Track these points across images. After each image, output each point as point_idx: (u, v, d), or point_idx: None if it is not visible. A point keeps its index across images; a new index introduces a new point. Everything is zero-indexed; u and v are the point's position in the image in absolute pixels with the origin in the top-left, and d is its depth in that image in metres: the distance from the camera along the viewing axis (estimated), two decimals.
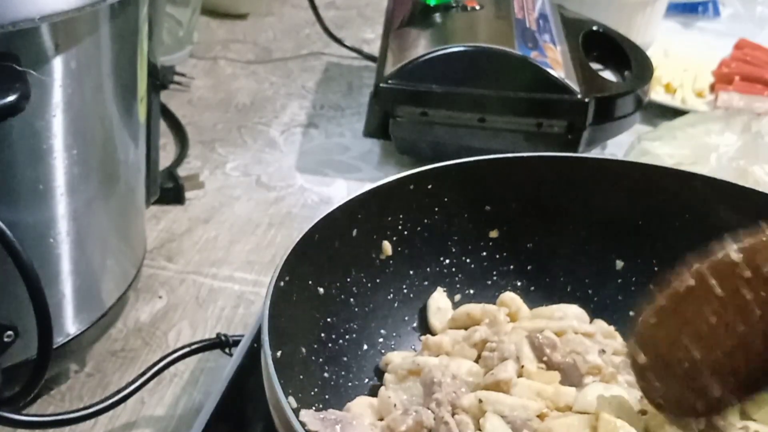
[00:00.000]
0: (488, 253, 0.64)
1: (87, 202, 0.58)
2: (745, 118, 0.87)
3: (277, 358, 0.47)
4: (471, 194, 0.63)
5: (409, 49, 0.89)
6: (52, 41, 0.50)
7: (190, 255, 0.79)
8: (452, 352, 0.58)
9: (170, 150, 0.93)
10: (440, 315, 0.62)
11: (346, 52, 1.16)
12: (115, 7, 0.54)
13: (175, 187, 0.85)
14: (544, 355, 0.54)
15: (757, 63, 1.13)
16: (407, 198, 0.61)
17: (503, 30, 0.90)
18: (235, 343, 0.63)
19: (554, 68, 0.86)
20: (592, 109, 0.86)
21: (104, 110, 0.57)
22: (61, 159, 0.54)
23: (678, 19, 1.36)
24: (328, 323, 0.57)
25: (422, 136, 0.89)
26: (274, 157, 0.94)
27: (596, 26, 1.03)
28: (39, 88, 0.50)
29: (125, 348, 0.68)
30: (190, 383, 0.66)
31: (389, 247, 0.61)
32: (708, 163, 0.83)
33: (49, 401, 0.63)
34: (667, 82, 1.09)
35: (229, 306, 0.73)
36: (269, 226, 0.84)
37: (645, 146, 0.86)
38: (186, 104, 1.02)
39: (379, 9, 1.17)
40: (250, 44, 1.19)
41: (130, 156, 0.62)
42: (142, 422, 0.62)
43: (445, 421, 0.49)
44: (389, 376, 0.57)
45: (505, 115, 0.86)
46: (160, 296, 0.74)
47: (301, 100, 1.06)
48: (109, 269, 0.63)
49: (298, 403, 0.49)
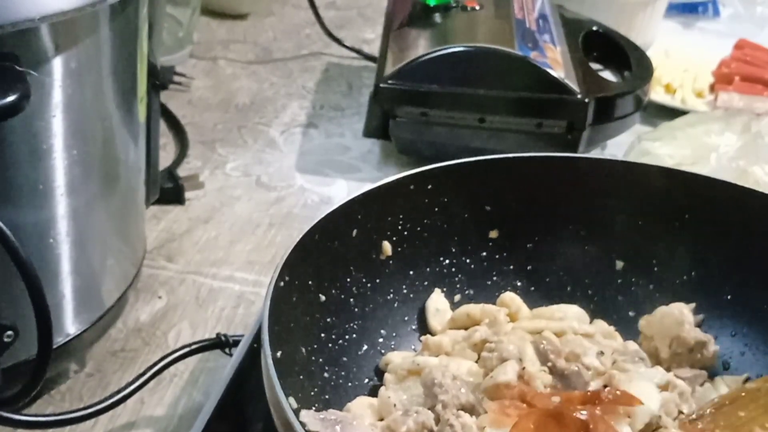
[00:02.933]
0: (488, 253, 0.64)
1: (87, 202, 0.58)
2: (745, 118, 0.87)
3: (277, 358, 0.47)
4: (471, 194, 0.63)
5: (409, 49, 0.89)
6: (52, 41, 0.50)
7: (190, 255, 0.79)
8: (452, 353, 0.58)
9: (170, 150, 0.93)
10: (439, 316, 0.62)
11: (346, 52, 1.16)
12: (115, 7, 0.54)
13: (175, 187, 0.85)
14: (549, 361, 0.54)
15: (757, 63, 1.13)
16: (407, 198, 0.61)
17: (503, 30, 0.90)
18: (235, 343, 0.63)
19: (554, 68, 0.86)
20: (592, 109, 0.86)
21: (104, 110, 0.57)
22: (61, 159, 0.54)
23: (678, 19, 1.36)
24: (328, 323, 0.57)
25: (422, 136, 0.89)
26: (274, 157, 0.94)
27: (596, 26, 1.03)
28: (39, 88, 0.50)
29: (125, 348, 0.68)
30: (190, 383, 0.66)
31: (389, 247, 0.61)
32: (708, 163, 0.83)
33: (49, 401, 0.63)
34: (667, 82, 1.09)
35: (229, 306, 0.73)
36: (269, 226, 0.84)
37: (645, 146, 0.86)
38: (186, 104, 1.02)
39: (379, 9, 1.17)
40: (250, 44, 1.19)
41: (130, 156, 0.62)
42: (142, 422, 0.62)
43: (450, 423, 0.49)
44: (389, 376, 0.57)
45: (505, 115, 0.86)
46: (160, 296, 0.74)
47: (301, 100, 1.06)
48: (109, 269, 0.63)
49: (298, 403, 0.49)
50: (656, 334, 0.60)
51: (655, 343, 0.59)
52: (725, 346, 0.61)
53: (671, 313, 0.59)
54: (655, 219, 0.63)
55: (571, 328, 0.58)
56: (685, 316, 0.59)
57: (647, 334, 0.60)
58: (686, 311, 0.60)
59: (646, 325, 0.60)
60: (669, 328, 0.59)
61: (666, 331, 0.59)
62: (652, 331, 0.60)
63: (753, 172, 0.81)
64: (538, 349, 0.55)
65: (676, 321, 0.59)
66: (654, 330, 0.60)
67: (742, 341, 0.61)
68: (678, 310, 0.59)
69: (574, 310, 0.62)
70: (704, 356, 0.59)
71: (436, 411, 0.51)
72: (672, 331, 0.59)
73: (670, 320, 0.59)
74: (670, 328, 0.59)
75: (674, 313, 0.59)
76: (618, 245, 0.64)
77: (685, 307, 0.60)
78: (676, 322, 0.59)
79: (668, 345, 0.59)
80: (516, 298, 0.62)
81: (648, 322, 0.60)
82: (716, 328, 0.61)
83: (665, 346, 0.59)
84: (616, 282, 0.64)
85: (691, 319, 0.59)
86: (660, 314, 0.60)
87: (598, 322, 0.62)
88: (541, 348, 0.55)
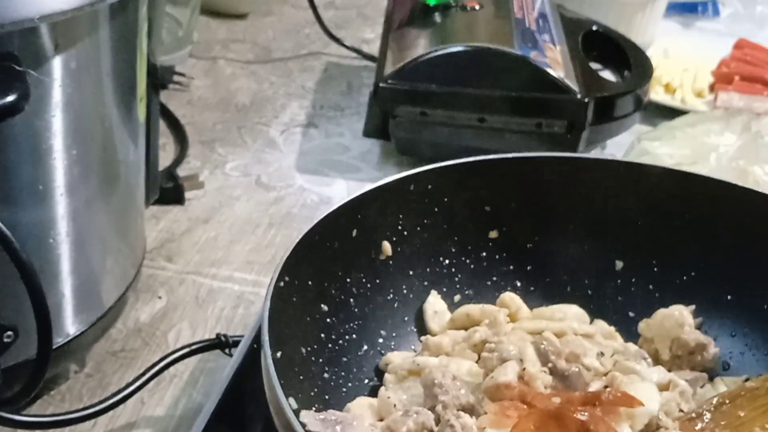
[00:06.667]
0: (488, 253, 0.64)
1: (87, 202, 0.58)
2: (745, 118, 0.87)
3: (277, 359, 0.47)
4: (471, 194, 0.63)
5: (408, 49, 0.89)
6: (52, 41, 0.50)
7: (190, 255, 0.79)
8: (452, 353, 0.58)
9: (170, 150, 0.93)
10: (438, 318, 0.62)
11: (345, 52, 1.16)
12: (115, 7, 0.54)
13: (175, 187, 0.85)
14: (549, 362, 0.54)
15: (756, 63, 1.13)
16: (407, 198, 0.61)
17: (503, 30, 0.90)
18: (235, 343, 0.63)
19: (554, 68, 0.86)
20: (591, 109, 0.86)
21: (104, 110, 0.57)
22: (61, 159, 0.54)
23: (678, 19, 1.36)
24: (328, 323, 0.57)
25: (422, 136, 0.89)
26: (274, 157, 0.94)
27: (596, 26, 1.03)
28: (39, 88, 0.50)
29: (125, 348, 0.68)
30: (189, 383, 0.66)
31: (389, 247, 0.61)
32: (708, 163, 0.83)
33: (49, 401, 0.63)
34: (667, 82, 1.09)
35: (229, 306, 0.73)
36: (269, 226, 0.83)
37: (645, 146, 0.86)
38: (186, 104, 1.02)
39: (379, 9, 1.17)
40: (250, 44, 1.19)
41: (130, 156, 0.62)
42: (142, 422, 0.62)
43: (451, 424, 0.49)
44: (389, 376, 0.57)
45: (505, 115, 0.86)
46: (159, 296, 0.73)
47: (301, 100, 1.06)
48: (109, 269, 0.63)
49: (298, 403, 0.49)
50: (656, 336, 0.59)
51: (655, 346, 0.59)
52: (725, 346, 0.61)
53: (671, 316, 0.59)
54: (655, 219, 0.63)
55: (572, 329, 0.58)
56: (685, 318, 0.59)
57: (647, 337, 0.60)
58: (686, 313, 0.60)
59: (646, 328, 0.60)
60: (669, 330, 0.59)
61: (666, 334, 0.59)
62: (652, 333, 0.60)
63: (753, 172, 0.81)
64: (539, 350, 0.55)
65: (676, 323, 0.59)
66: (654, 332, 0.60)
67: (742, 341, 0.61)
68: (678, 312, 0.59)
69: (574, 311, 0.62)
70: (704, 358, 0.59)
71: (436, 411, 0.51)
72: (672, 333, 0.59)
73: (670, 322, 0.59)
74: (670, 330, 0.59)
75: (674, 315, 0.59)
76: (618, 245, 0.64)
77: (685, 309, 0.60)
78: (676, 324, 0.59)
79: (668, 347, 0.59)
80: (516, 299, 0.62)
81: (648, 324, 0.60)
82: (716, 329, 0.61)
83: (665, 349, 0.59)
84: (616, 282, 0.64)
85: (691, 321, 0.59)
86: (660, 316, 0.60)
87: (598, 323, 0.62)
88: (542, 348, 0.54)
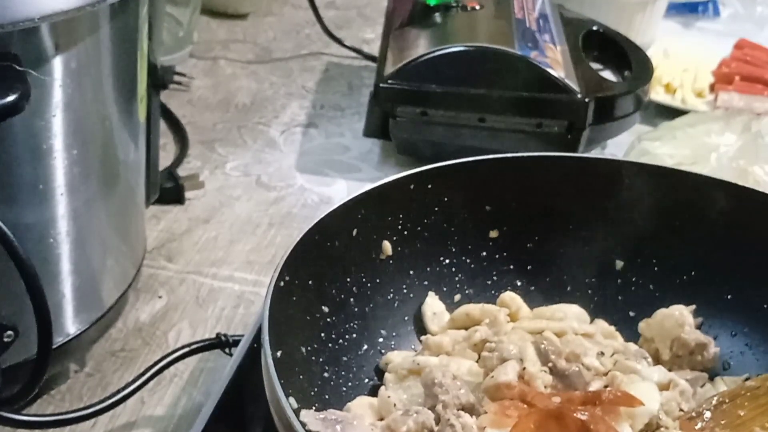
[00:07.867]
0: (488, 253, 0.64)
1: (87, 202, 0.58)
2: (745, 118, 0.87)
3: (277, 358, 0.47)
4: (471, 194, 0.63)
5: (409, 49, 0.89)
6: (52, 41, 0.50)
7: (190, 255, 0.79)
8: (452, 353, 0.58)
9: (170, 150, 0.93)
10: (437, 319, 0.62)
11: (346, 52, 1.16)
12: (115, 7, 0.54)
13: (175, 187, 0.85)
14: (549, 361, 0.54)
15: (757, 63, 1.13)
16: (407, 198, 0.61)
17: (503, 30, 0.90)
18: (235, 343, 0.63)
19: (554, 68, 0.86)
20: (592, 109, 0.86)
21: (104, 110, 0.57)
22: (61, 159, 0.54)
23: (678, 19, 1.36)
24: (329, 323, 0.57)
25: (422, 136, 0.89)
26: (274, 157, 0.94)
27: (596, 26, 1.02)
28: (39, 88, 0.50)
29: (125, 348, 0.68)
30: (190, 383, 0.66)
31: (389, 247, 0.61)
32: (708, 163, 0.83)
33: (49, 401, 0.63)
34: (667, 82, 1.09)
35: (229, 306, 0.73)
36: (269, 226, 0.84)
37: (645, 146, 0.86)
38: (186, 104, 1.02)
39: (379, 9, 1.17)
40: (250, 44, 1.19)
41: (130, 156, 0.62)
42: (142, 422, 0.62)
43: (451, 423, 0.49)
44: (389, 375, 0.57)
45: (505, 115, 0.86)
46: (160, 296, 0.74)
47: (301, 100, 1.06)
48: (109, 269, 0.63)
49: (298, 403, 0.49)
50: (656, 336, 0.60)
51: (656, 345, 0.59)
52: (725, 345, 0.61)
53: (671, 315, 0.59)
54: (655, 219, 0.63)
55: (572, 328, 0.58)
56: (685, 318, 0.59)
57: (647, 337, 0.60)
58: (686, 313, 0.60)
59: (646, 328, 0.60)
60: (669, 330, 0.59)
61: (666, 333, 0.59)
62: (652, 333, 0.60)
63: (753, 172, 0.81)
64: (539, 349, 0.55)
65: (676, 323, 0.59)
66: (654, 332, 0.60)
67: (742, 341, 0.61)
68: (678, 312, 0.59)
69: (575, 310, 0.62)
70: (705, 358, 0.59)
71: (437, 411, 0.51)
72: (672, 333, 0.59)
73: (670, 322, 0.59)
74: (671, 330, 0.59)
75: (674, 314, 0.59)
76: (618, 245, 0.64)
77: (685, 309, 0.60)
78: (677, 324, 0.59)
79: (669, 347, 0.59)
80: (516, 298, 0.62)
81: (648, 324, 0.60)
82: (716, 328, 0.61)
83: (666, 348, 0.59)
84: (616, 282, 0.64)
85: (691, 321, 0.59)
86: (660, 316, 0.60)
87: (598, 322, 0.62)
88: (542, 348, 0.54)
